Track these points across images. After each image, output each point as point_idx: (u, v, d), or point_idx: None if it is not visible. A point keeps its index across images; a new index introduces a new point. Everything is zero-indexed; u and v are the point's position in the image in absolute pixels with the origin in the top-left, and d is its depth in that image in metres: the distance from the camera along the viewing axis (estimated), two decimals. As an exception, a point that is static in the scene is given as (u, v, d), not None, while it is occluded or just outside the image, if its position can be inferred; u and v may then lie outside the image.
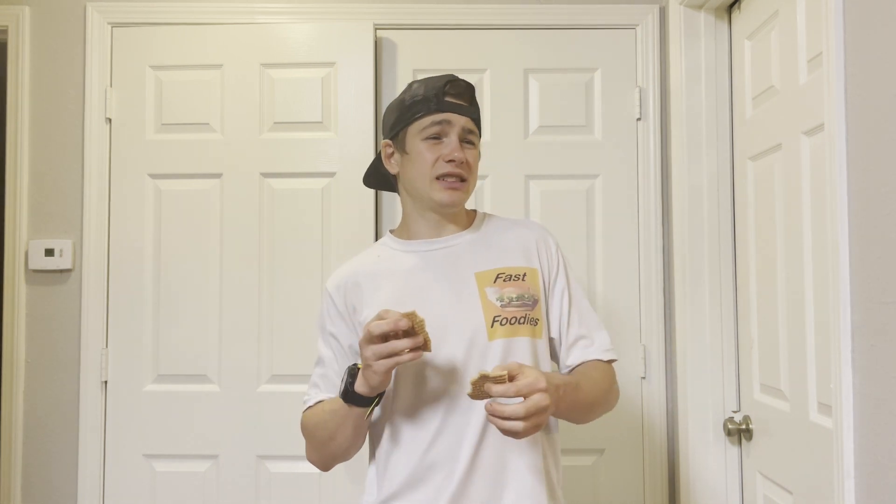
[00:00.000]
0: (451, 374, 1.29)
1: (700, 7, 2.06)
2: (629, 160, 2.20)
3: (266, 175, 2.17)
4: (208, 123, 2.18)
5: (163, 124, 2.19)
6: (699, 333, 2.03)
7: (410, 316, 1.14)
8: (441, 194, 1.33)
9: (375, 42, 2.19)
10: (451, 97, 1.34)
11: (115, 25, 2.20)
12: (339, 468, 2.09)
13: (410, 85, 1.39)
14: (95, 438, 2.12)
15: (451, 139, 1.33)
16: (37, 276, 2.16)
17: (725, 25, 2.06)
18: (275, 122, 2.18)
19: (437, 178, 1.32)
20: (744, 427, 1.92)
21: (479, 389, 1.12)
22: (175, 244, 2.17)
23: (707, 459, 2.01)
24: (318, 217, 2.16)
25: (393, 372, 1.22)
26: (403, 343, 1.14)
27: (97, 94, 2.18)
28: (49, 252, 2.15)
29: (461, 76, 1.40)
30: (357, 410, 1.25)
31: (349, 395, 1.23)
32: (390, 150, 1.40)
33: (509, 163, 2.20)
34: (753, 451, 1.91)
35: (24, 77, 2.19)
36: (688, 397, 2.03)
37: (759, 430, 1.87)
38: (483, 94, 2.20)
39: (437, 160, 1.32)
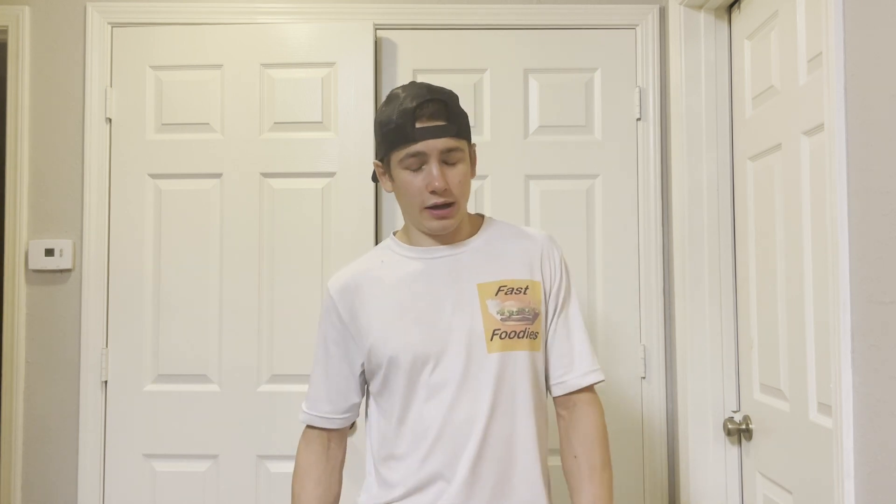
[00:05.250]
0: (449, 386, 1.29)
1: (700, 7, 2.06)
2: (629, 160, 2.20)
3: (266, 175, 2.17)
4: (208, 123, 2.19)
5: (163, 124, 2.19)
6: (699, 334, 2.03)
7: None
8: (430, 223, 1.32)
9: (375, 42, 2.19)
10: (423, 121, 1.28)
11: (115, 25, 2.20)
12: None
13: (389, 98, 1.34)
14: (95, 438, 2.12)
15: (430, 167, 1.29)
16: (37, 276, 2.16)
17: (725, 25, 2.06)
18: (275, 122, 2.18)
19: (426, 208, 1.31)
20: (744, 427, 1.92)
21: None
22: (175, 244, 2.17)
23: (707, 459, 2.01)
24: (318, 217, 2.16)
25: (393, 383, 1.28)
26: None
27: (97, 94, 2.18)
28: (49, 252, 2.15)
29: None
30: None
31: None
32: (381, 171, 1.39)
33: (509, 163, 2.20)
34: (753, 450, 1.91)
35: (24, 77, 2.19)
36: (688, 397, 2.03)
37: (759, 430, 1.87)
38: (483, 94, 2.21)
39: (421, 190, 1.30)
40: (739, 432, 1.95)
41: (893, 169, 1.09)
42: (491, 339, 1.30)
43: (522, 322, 1.32)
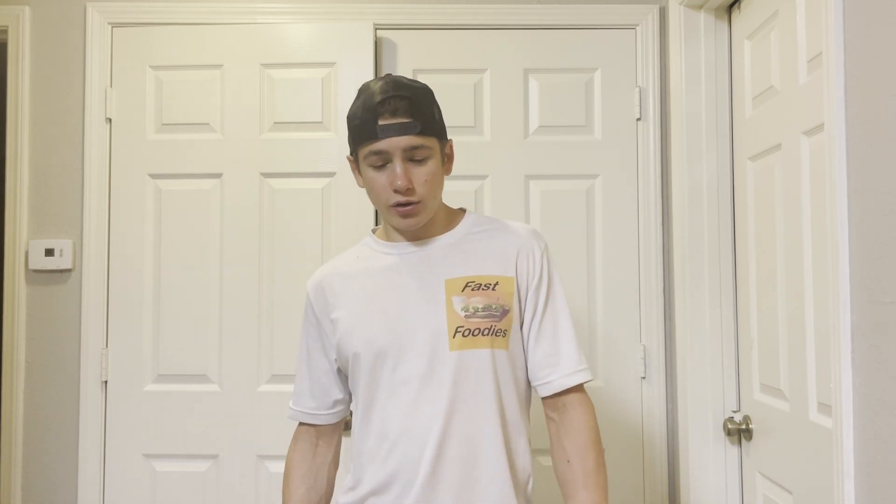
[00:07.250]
0: (411, 383, 1.28)
1: (700, 7, 2.06)
2: (629, 160, 2.20)
3: (266, 175, 2.17)
4: (208, 123, 2.19)
5: (163, 124, 2.19)
6: (699, 333, 2.03)
7: None
8: (397, 221, 1.30)
9: (375, 42, 2.19)
10: (386, 118, 1.24)
11: (115, 25, 2.20)
12: (340, 469, 2.10)
13: (360, 91, 1.31)
14: (95, 438, 2.12)
15: (394, 165, 1.26)
16: (37, 276, 2.16)
17: (725, 25, 2.06)
18: (275, 122, 2.18)
19: (391, 206, 1.29)
20: (744, 427, 1.92)
21: None
22: (175, 244, 2.17)
23: (707, 459, 2.01)
24: (318, 217, 2.16)
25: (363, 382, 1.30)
26: None
27: (97, 94, 2.18)
28: (49, 252, 2.15)
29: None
30: None
31: None
32: (353, 166, 1.37)
33: (509, 163, 2.20)
34: (753, 450, 1.91)
35: (24, 77, 2.19)
36: (688, 397, 2.03)
37: (759, 430, 1.87)
38: (483, 94, 2.21)
39: (385, 188, 1.28)
40: (739, 432, 1.95)
41: (893, 169, 1.09)
42: (453, 337, 1.28)
43: (488, 319, 1.29)
